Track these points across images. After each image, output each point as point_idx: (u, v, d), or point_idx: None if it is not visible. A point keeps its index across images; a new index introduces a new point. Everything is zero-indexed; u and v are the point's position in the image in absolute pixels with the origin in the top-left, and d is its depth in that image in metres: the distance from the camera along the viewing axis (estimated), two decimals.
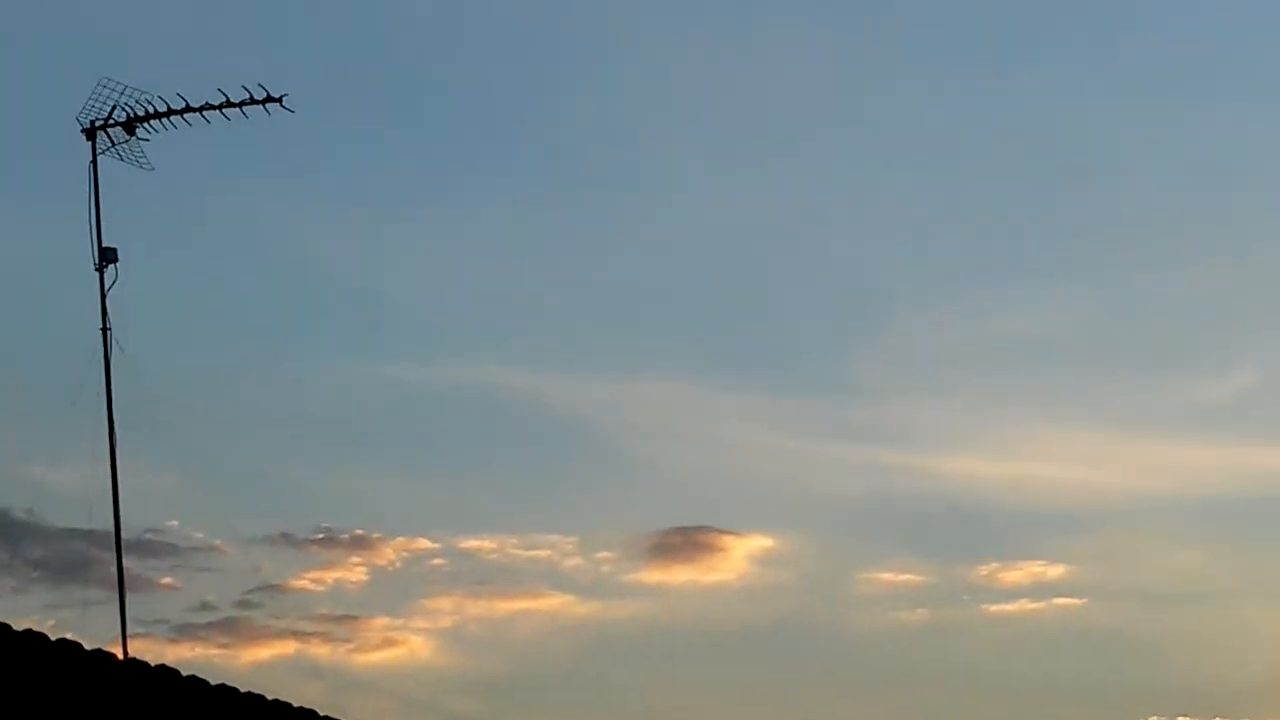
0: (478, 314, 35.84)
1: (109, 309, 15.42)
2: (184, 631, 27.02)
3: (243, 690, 11.21)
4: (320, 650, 30.97)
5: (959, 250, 39.34)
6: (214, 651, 27.91)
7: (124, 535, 15.11)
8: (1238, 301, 38.30)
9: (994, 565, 35.55)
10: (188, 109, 15.67)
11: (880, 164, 39.74)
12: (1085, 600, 35.19)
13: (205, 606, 27.19)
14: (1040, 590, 35.67)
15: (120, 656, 10.98)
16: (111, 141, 15.72)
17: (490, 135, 35.39)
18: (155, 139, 15.81)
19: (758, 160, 38.76)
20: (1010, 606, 35.61)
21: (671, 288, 37.74)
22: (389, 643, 31.61)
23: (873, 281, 39.21)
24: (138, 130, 15.70)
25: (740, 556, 35.16)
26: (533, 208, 37.33)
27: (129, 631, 14.97)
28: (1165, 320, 38.67)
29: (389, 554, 32.94)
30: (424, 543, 33.27)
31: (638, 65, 36.07)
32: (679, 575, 35.37)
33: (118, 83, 15.70)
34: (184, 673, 10.77)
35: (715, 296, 38.19)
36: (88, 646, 9.95)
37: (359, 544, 32.18)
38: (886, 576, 35.30)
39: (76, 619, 15.22)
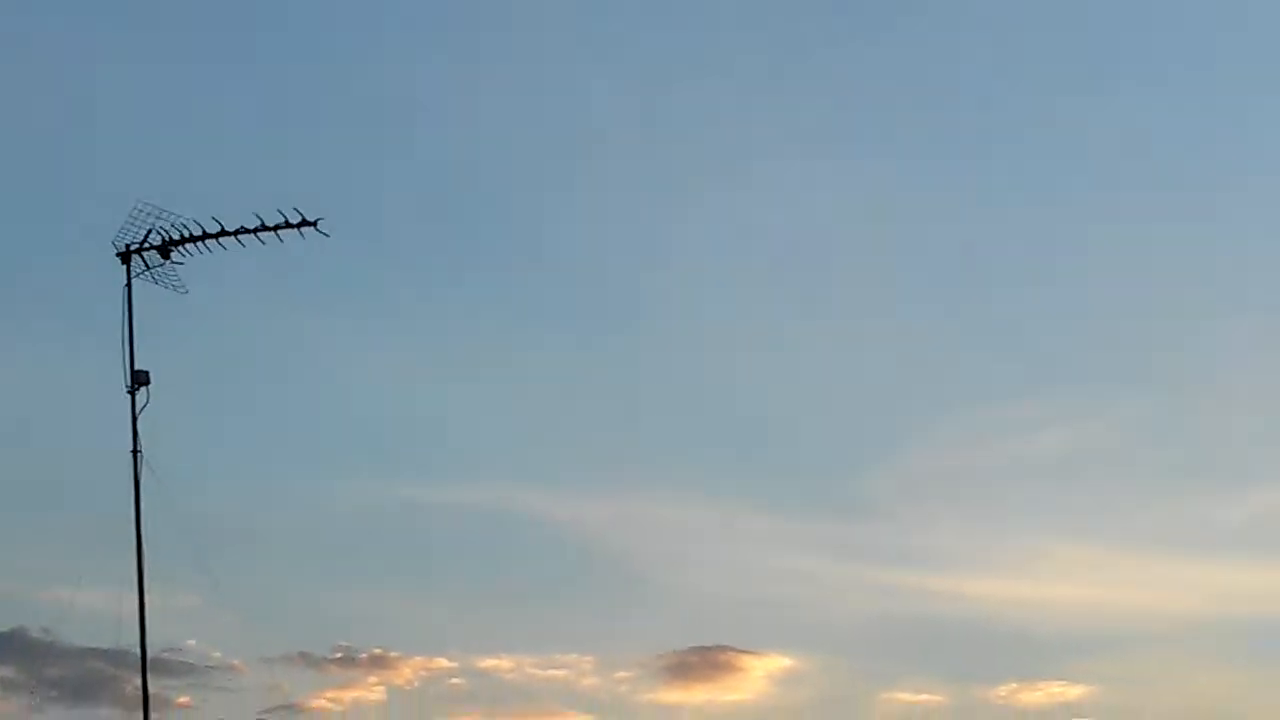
0: (497, 435, 35.71)
1: (140, 431, 15.45)
2: None
3: None
4: None
5: (973, 370, 39.37)
6: None
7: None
8: (1255, 421, 38.27)
9: (1014, 685, 35.28)
10: (223, 233, 15.77)
11: (894, 285, 39.78)
12: None
13: None
14: (1061, 711, 35.39)
15: None
16: (146, 265, 15.82)
17: (514, 262, 35.53)
18: (190, 262, 15.89)
19: (771, 279, 38.81)
20: None
21: (687, 409, 37.67)
22: None
23: (888, 401, 39.19)
24: (172, 254, 15.78)
25: (759, 676, 34.92)
26: (553, 331, 37.34)
27: None
28: (1181, 440, 38.62)
29: (407, 673, 32.72)
30: (442, 662, 33.06)
31: (645, 180, 36.48)
32: (697, 695, 35.12)
33: (154, 206, 15.84)
34: None
35: (730, 418, 38.12)
36: None
37: (377, 663, 31.98)
38: (905, 696, 35.05)
39: None
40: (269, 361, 32.39)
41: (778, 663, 35.59)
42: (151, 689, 15.11)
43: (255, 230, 15.70)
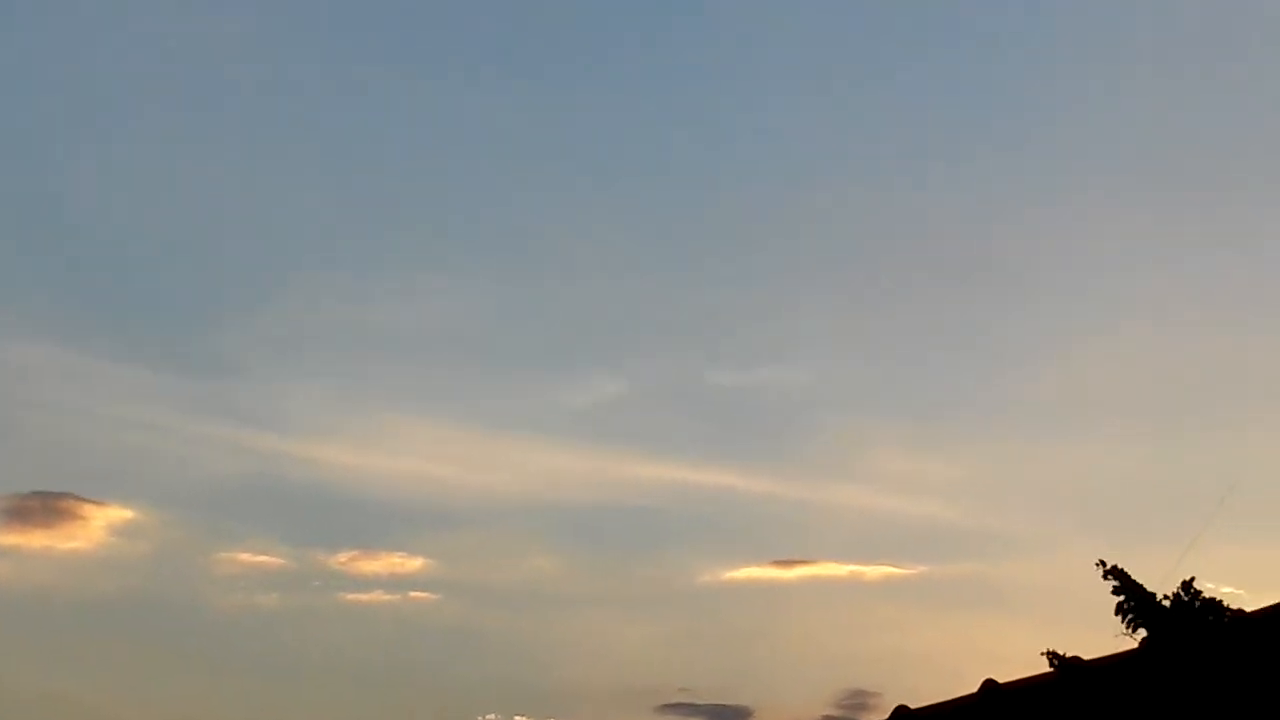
0: None
1: None
2: None
3: None
4: None
5: (336, 240, 40.04)
6: None
7: None
8: (608, 311, 40.08)
9: (354, 553, 36.21)
10: None
11: (276, 149, 40.01)
12: (440, 595, 36.20)
13: None
14: (397, 582, 36.50)
15: None
16: None
17: None
18: None
19: (156, 133, 38.51)
20: (366, 596, 36.32)
21: (50, 252, 37.16)
22: None
23: (249, 261, 39.53)
24: None
25: (99, 526, 34.87)
26: None
27: None
28: (534, 325, 40.18)
29: None
30: None
31: None
32: (35, 540, 34.86)
33: None
34: None
35: (95, 265, 37.79)
36: None
37: None
38: (245, 557, 35.55)
39: None
40: None
41: (120, 514, 35.59)
42: None
43: None
